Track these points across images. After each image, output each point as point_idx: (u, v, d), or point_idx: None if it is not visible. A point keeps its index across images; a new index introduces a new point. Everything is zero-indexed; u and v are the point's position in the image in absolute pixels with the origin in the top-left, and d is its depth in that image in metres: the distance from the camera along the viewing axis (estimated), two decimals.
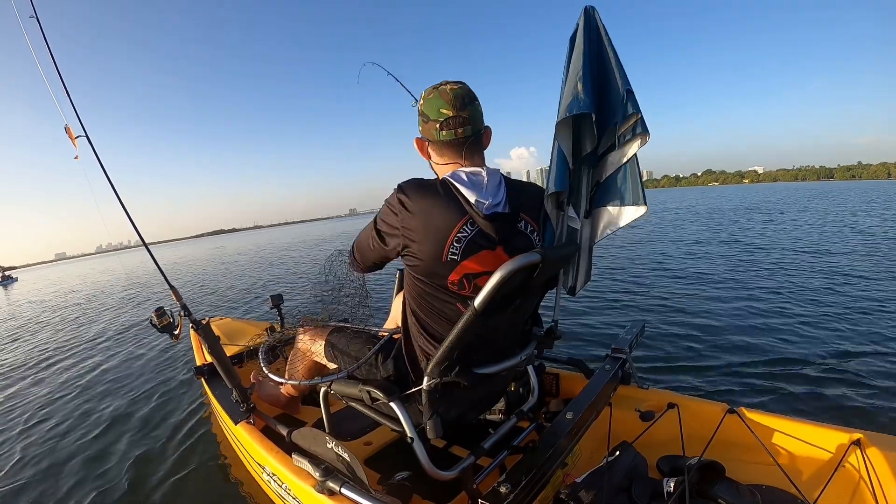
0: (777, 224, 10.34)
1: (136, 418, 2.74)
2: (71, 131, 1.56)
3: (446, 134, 0.97)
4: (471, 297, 0.92)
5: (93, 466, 2.24)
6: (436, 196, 0.92)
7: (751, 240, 7.80)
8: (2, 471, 2.33)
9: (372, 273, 1.18)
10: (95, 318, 7.05)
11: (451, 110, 0.96)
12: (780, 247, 6.65)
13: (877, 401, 2.04)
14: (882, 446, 1.06)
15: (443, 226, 0.90)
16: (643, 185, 1.11)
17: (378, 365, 1.14)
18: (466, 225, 0.91)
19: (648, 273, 5.03)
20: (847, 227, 8.86)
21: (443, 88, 0.98)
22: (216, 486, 1.91)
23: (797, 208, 15.31)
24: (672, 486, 1.05)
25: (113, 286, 12.15)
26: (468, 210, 0.92)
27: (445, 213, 0.91)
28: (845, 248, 6.16)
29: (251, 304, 6.28)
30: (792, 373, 2.37)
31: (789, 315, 3.26)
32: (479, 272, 0.93)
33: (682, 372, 2.51)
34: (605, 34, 1.05)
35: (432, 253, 0.91)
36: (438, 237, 0.90)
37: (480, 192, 0.93)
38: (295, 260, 13.44)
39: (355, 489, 1.04)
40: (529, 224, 1.00)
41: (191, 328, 1.64)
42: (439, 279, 0.94)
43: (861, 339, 2.74)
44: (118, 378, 3.64)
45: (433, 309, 0.98)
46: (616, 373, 1.48)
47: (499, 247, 0.94)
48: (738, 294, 3.91)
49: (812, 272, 4.67)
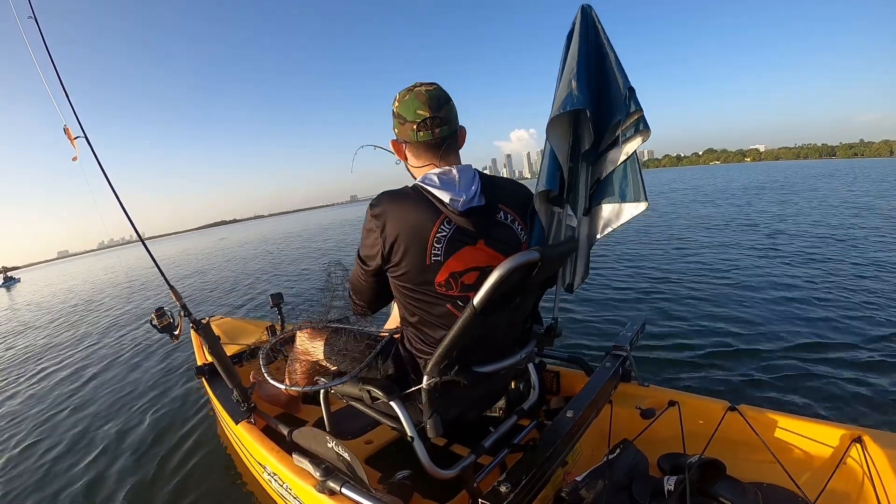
0: (792, 206, 9.87)
1: (137, 419, 2.74)
2: (70, 132, 1.56)
3: (423, 135, 0.97)
4: (460, 297, 0.93)
5: (93, 466, 2.24)
6: (408, 202, 0.93)
7: (768, 224, 7.47)
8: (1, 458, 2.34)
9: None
10: (95, 318, 7.06)
11: (427, 111, 0.96)
12: (800, 233, 6.39)
13: (878, 398, 2.04)
14: (883, 444, 1.06)
15: (422, 228, 0.91)
16: (644, 180, 1.11)
17: (378, 365, 1.14)
18: (444, 224, 0.92)
19: (649, 269, 5.03)
20: (865, 209, 8.41)
21: (418, 90, 0.97)
22: (217, 486, 1.91)
23: (805, 187, 14.61)
24: (673, 484, 1.05)
25: (113, 286, 12.16)
26: (443, 210, 0.93)
27: (422, 216, 0.92)
28: (870, 234, 5.92)
29: (255, 301, 6.28)
30: (793, 370, 2.36)
31: (795, 309, 3.25)
32: (464, 270, 0.94)
33: (682, 369, 2.50)
34: (603, 32, 1.05)
35: (416, 257, 0.91)
36: (419, 241, 0.91)
37: (453, 191, 0.93)
38: (299, 252, 13.10)
39: (356, 488, 1.04)
40: (510, 215, 1.00)
41: (191, 328, 1.64)
42: (427, 284, 0.94)
43: (865, 333, 2.73)
44: (119, 378, 3.65)
45: (426, 315, 0.98)
46: (617, 370, 1.48)
47: (479, 240, 0.95)
48: (742, 289, 3.90)
49: (833, 261, 4.58)
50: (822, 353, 2.54)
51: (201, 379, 1.92)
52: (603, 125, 1.10)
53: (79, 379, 3.84)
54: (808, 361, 2.44)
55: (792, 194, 12.76)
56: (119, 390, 3.35)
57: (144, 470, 2.12)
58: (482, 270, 0.92)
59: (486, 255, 0.95)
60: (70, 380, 3.87)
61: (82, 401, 3.27)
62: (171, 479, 2.00)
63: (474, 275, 0.94)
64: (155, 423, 2.63)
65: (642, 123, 1.06)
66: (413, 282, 0.95)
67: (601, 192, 1.18)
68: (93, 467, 2.24)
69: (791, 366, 2.41)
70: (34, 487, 2.15)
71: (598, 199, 1.18)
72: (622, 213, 1.15)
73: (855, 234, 6.11)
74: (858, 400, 2.04)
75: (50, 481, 2.18)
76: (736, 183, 21.20)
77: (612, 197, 1.15)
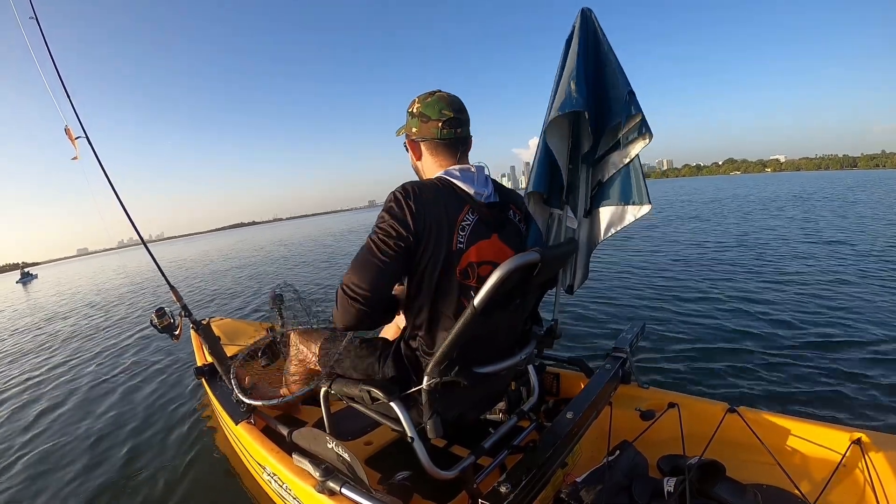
0: (847, 218, 8.95)
1: (137, 419, 2.74)
2: (71, 132, 1.56)
3: (447, 132, 1.03)
4: (475, 289, 0.90)
5: (92, 465, 2.24)
6: (436, 190, 0.97)
7: (835, 236, 6.73)
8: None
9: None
10: (101, 319, 7.06)
11: (451, 112, 1.03)
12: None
13: (878, 400, 2.04)
14: (883, 446, 1.06)
15: (451, 213, 0.95)
16: (646, 183, 1.12)
17: (378, 366, 1.14)
18: (469, 213, 0.97)
19: (650, 272, 5.04)
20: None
21: (440, 94, 1.05)
22: (217, 486, 1.91)
23: (845, 200, 13.62)
24: (673, 486, 1.05)
25: (120, 286, 12.12)
26: (468, 200, 0.99)
27: (451, 202, 0.96)
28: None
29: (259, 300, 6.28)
30: (793, 372, 2.37)
31: (796, 313, 3.26)
32: (480, 261, 0.97)
33: (682, 371, 2.50)
34: (603, 36, 1.05)
35: (445, 241, 0.93)
36: (448, 225, 0.94)
37: (474, 185, 1.00)
38: (323, 256, 12.31)
39: (356, 489, 1.04)
40: (517, 214, 1.08)
41: (191, 329, 1.64)
42: (449, 271, 0.94)
43: (868, 336, 2.73)
44: (119, 378, 3.65)
45: (438, 308, 0.97)
46: (616, 372, 1.48)
47: (494, 234, 1.00)
48: (739, 294, 3.90)
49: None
50: (822, 353, 2.54)
51: (201, 379, 1.92)
52: (602, 128, 1.11)
53: (79, 379, 3.84)
54: (808, 362, 2.44)
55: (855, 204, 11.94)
56: (119, 390, 3.35)
57: (144, 470, 2.11)
58: (494, 265, 0.88)
59: (498, 249, 1.01)
60: (71, 379, 3.87)
61: (79, 400, 3.27)
62: (170, 479, 2.00)
63: (488, 268, 0.95)
64: (154, 423, 2.63)
65: (644, 126, 1.06)
66: (437, 267, 0.93)
67: (603, 194, 1.18)
68: (91, 466, 2.23)
69: (792, 369, 2.41)
70: (28, 483, 2.14)
71: (601, 202, 1.19)
72: (625, 216, 1.16)
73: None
74: (858, 401, 2.04)
75: (48, 479, 2.17)
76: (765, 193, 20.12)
77: (614, 199, 1.16)
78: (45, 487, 2.12)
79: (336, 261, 10.58)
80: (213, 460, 2.11)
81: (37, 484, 2.16)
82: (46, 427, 2.87)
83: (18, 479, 2.23)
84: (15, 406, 3.39)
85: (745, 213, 11.36)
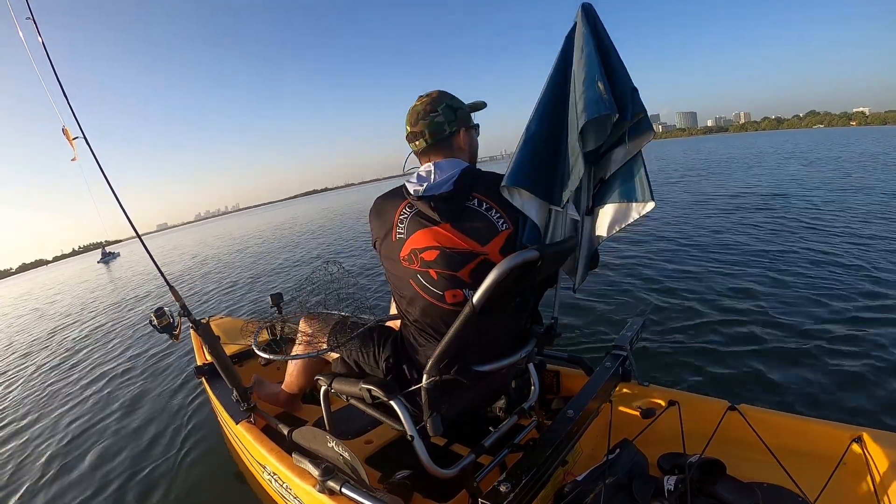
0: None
1: (137, 419, 2.75)
2: (69, 133, 1.56)
3: (415, 146, 1.15)
4: (420, 272, 1.03)
5: (92, 465, 2.24)
6: (389, 195, 1.13)
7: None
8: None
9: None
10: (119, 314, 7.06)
11: (408, 127, 1.13)
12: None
13: (878, 398, 2.03)
14: (883, 443, 1.06)
15: (391, 211, 1.09)
16: (650, 179, 1.10)
17: (378, 361, 1.14)
18: (406, 208, 1.07)
19: (650, 269, 5.02)
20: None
21: (412, 106, 1.13)
22: (217, 486, 1.91)
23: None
24: (673, 484, 1.05)
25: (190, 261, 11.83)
26: (407, 196, 1.09)
27: (392, 203, 1.11)
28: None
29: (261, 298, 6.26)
30: (794, 369, 2.36)
31: (801, 310, 3.25)
32: (423, 247, 1.03)
33: (683, 369, 2.50)
34: (605, 31, 1.05)
35: (386, 235, 1.09)
36: (388, 222, 1.09)
37: (425, 182, 1.07)
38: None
39: (356, 488, 1.04)
40: (484, 203, 1.06)
41: (191, 328, 1.64)
42: (396, 259, 1.07)
43: (867, 333, 2.72)
44: (119, 378, 3.65)
45: (399, 289, 1.10)
46: (617, 370, 1.48)
47: (445, 223, 1.04)
48: (747, 285, 3.89)
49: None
50: (822, 354, 2.53)
51: (201, 379, 1.92)
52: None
53: (80, 379, 3.84)
54: (808, 362, 2.44)
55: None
56: (119, 390, 3.35)
57: (144, 470, 2.12)
58: (441, 249, 1.02)
59: (448, 237, 1.03)
60: (71, 380, 3.87)
61: (81, 398, 3.27)
62: (170, 478, 2.01)
63: (434, 252, 1.03)
64: (155, 423, 2.63)
65: (645, 123, 1.06)
66: (388, 257, 1.10)
67: (606, 191, 1.17)
68: (91, 466, 2.24)
69: (791, 366, 2.41)
70: (29, 483, 2.15)
71: (603, 199, 1.18)
72: (629, 213, 1.14)
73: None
74: (859, 399, 2.04)
75: (48, 479, 2.18)
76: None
77: (617, 196, 1.15)
78: (39, 485, 2.12)
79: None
80: (213, 460, 2.11)
81: (31, 480, 2.17)
82: (43, 424, 2.87)
83: (18, 475, 2.23)
84: (13, 408, 3.40)
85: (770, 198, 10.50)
